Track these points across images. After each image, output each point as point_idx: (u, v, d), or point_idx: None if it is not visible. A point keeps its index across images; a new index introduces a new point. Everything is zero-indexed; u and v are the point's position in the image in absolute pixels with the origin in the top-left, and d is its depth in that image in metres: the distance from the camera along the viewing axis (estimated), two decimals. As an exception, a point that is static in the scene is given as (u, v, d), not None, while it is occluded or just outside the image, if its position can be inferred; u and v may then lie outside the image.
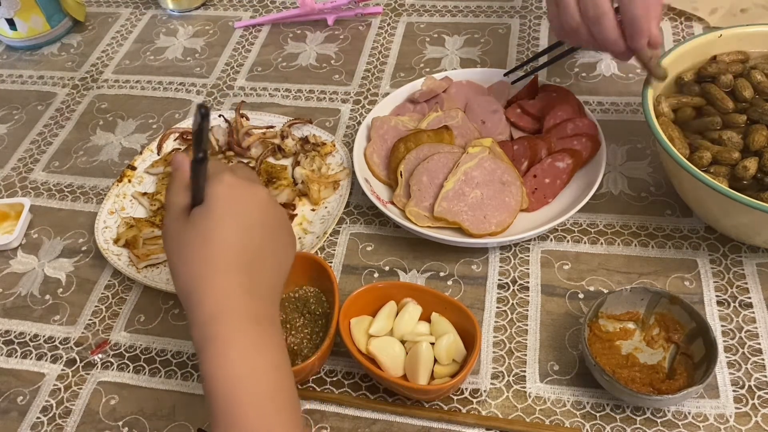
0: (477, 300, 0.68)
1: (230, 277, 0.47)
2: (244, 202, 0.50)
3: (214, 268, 0.47)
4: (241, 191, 0.50)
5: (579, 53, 0.94)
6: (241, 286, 0.47)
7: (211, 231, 0.48)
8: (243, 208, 0.50)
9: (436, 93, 0.84)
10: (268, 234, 0.51)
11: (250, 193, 0.51)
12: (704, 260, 0.69)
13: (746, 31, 0.74)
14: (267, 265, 0.50)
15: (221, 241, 0.48)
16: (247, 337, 0.46)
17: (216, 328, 0.46)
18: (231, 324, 0.46)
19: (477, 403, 0.61)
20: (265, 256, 0.50)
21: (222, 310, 0.46)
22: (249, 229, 0.49)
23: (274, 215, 0.53)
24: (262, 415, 0.45)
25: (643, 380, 0.58)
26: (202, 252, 0.48)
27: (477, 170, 0.72)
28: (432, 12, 1.05)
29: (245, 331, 0.46)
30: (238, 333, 0.46)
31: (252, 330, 0.47)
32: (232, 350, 0.45)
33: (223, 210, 0.49)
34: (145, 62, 1.03)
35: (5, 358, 0.69)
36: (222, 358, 0.45)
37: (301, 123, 0.86)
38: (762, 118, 0.66)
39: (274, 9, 1.10)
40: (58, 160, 0.90)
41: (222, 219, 0.48)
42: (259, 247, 0.50)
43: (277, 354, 0.48)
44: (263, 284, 0.50)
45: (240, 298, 0.47)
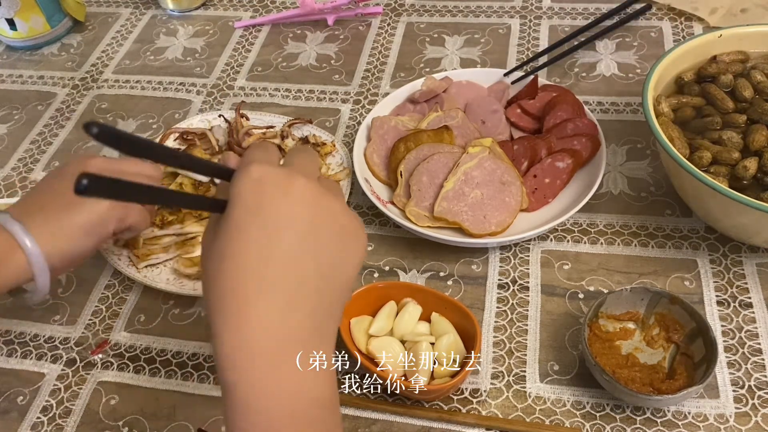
0: (477, 300, 0.68)
1: (252, 304, 0.37)
2: (271, 201, 0.38)
3: (228, 291, 0.37)
4: (270, 186, 0.38)
5: (579, 53, 0.94)
6: (270, 316, 0.37)
7: (227, 244, 0.38)
8: (270, 209, 0.38)
9: (436, 93, 0.84)
10: (313, 237, 0.39)
11: (282, 187, 0.39)
12: (704, 260, 0.69)
13: (746, 31, 0.74)
14: (314, 282, 0.39)
15: (237, 256, 0.37)
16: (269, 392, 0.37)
17: (228, 376, 0.37)
18: (246, 371, 0.36)
19: (477, 403, 0.61)
20: (305, 269, 0.39)
21: (236, 355, 0.36)
22: (274, 231, 0.38)
23: (320, 211, 0.40)
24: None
25: (643, 380, 0.58)
26: (218, 272, 0.38)
27: (477, 170, 0.72)
28: (432, 12, 1.05)
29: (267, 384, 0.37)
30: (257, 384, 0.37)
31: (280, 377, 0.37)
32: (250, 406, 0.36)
33: (243, 215, 0.38)
34: (145, 62, 1.03)
35: (5, 358, 0.69)
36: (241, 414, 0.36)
37: (301, 123, 0.86)
38: (762, 118, 0.66)
39: (274, 9, 1.10)
40: (58, 160, 0.90)
41: (238, 225, 0.38)
42: (293, 259, 0.38)
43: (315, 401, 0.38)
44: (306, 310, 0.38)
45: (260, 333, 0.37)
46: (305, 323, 0.38)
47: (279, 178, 0.39)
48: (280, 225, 0.38)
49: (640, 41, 0.94)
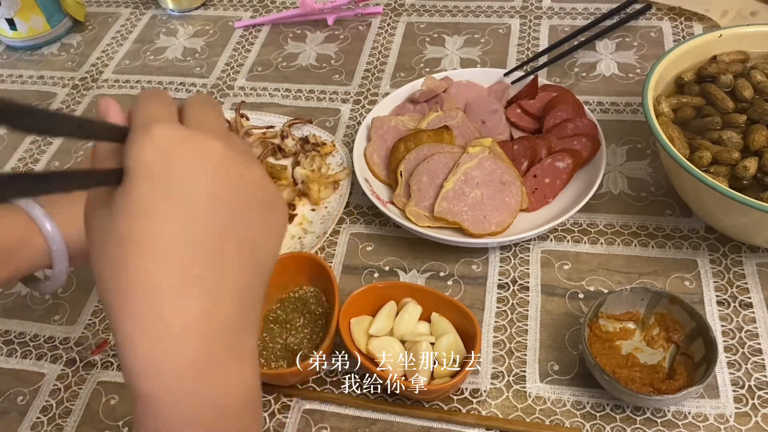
0: (477, 300, 0.68)
1: (164, 298, 0.31)
2: (184, 172, 0.31)
3: (141, 287, 0.30)
4: (181, 155, 0.31)
5: (579, 53, 0.94)
6: (185, 311, 0.31)
7: (130, 225, 0.31)
8: (183, 182, 0.31)
9: (436, 93, 0.84)
10: (233, 214, 0.33)
11: (195, 155, 0.32)
12: (704, 260, 0.69)
13: (746, 31, 0.74)
14: (236, 266, 0.33)
15: (148, 241, 0.30)
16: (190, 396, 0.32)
17: (140, 384, 0.31)
18: (163, 380, 0.31)
19: (477, 403, 0.61)
20: (229, 252, 0.32)
21: (148, 360, 0.31)
22: (196, 214, 0.31)
23: (239, 181, 0.33)
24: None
25: (643, 380, 0.58)
26: (120, 259, 0.31)
27: (477, 170, 0.72)
28: (432, 12, 1.05)
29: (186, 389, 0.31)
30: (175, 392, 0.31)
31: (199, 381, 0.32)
32: (165, 416, 0.31)
33: (149, 188, 0.31)
34: (145, 62, 1.03)
35: (5, 358, 0.69)
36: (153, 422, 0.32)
37: (301, 123, 0.86)
38: (762, 118, 0.66)
39: (274, 9, 1.10)
40: (58, 160, 0.90)
41: (146, 203, 0.31)
42: (218, 239, 0.32)
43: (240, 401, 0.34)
44: (228, 297, 0.33)
45: (188, 329, 0.31)
46: (231, 317, 0.33)
47: (190, 144, 0.32)
48: (196, 202, 0.31)
49: (640, 41, 0.94)
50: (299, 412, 0.62)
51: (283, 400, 0.63)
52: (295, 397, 0.63)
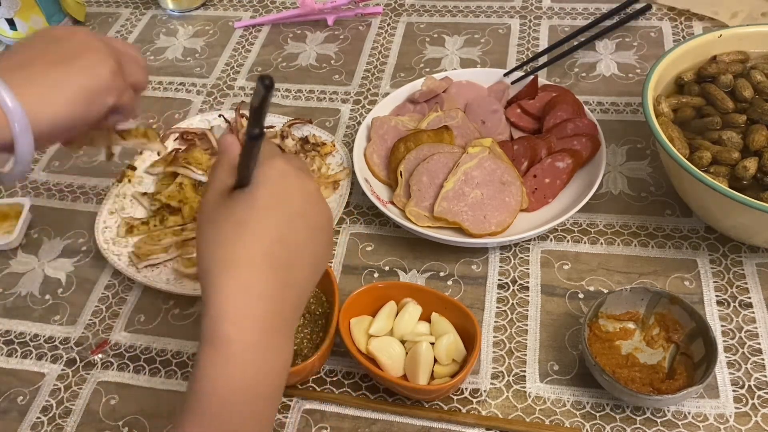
0: (477, 300, 0.68)
1: (258, 272, 0.42)
2: (291, 193, 0.44)
3: (244, 255, 0.42)
4: (291, 181, 0.45)
5: (579, 53, 0.94)
6: (268, 285, 0.42)
7: (249, 215, 0.42)
8: (290, 200, 0.44)
9: (436, 93, 0.84)
10: (311, 232, 0.45)
11: (299, 184, 0.45)
12: (704, 260, 0.69)
13: (746, 31, 0.74)
14: (304, 266, 0.45)
15: (259, 229, 0.42)
16: (256, 350, 0.42)
17: (226, 327, 0.41)
18: (243, 329, 0.41)
19: (477, 403, 0.61)
20: (303, 256, 0.45)
21: (237, 309, 0.41)
22: (292, 223, 0.44)
23: (320, 212, 0.47)
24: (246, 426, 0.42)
25: (643, 380, 0.58)
26: (235, 236, 0.42)
27: (477, 170, 0.72)
28: (432, 12, 1.05)
29: (256, 343, 0.42)
30: (247, 342, 0.41)
31: (264, 341, 0.42)
32: (235, 360, 0.41)
33: (269, 197, 0.43)
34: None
35: (5, 358, 0.69)
36: (222, 364, 0.41)
37: (301, 123, 0.86)
38: (762, 118, 0.66)
39: (274, 9, 1.10)
40: (58, 160, 0.90)
41: (265, 206, 0.43)
42: (300, 245, 0.44)
43: (282, 373, 0.44)
44: (295, 288, 0.44)
45: (262, 300, 0.42)
46: (291, 303, 0.44)
47: (296, 177, 0.45)
48: (295, 216, 0.44)
49: (640, 41, 0.94)
50: (299, 412, 0.62)
51: (283, 400, 0.63)
52: (295, 397, 0.63)
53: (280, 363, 0.44)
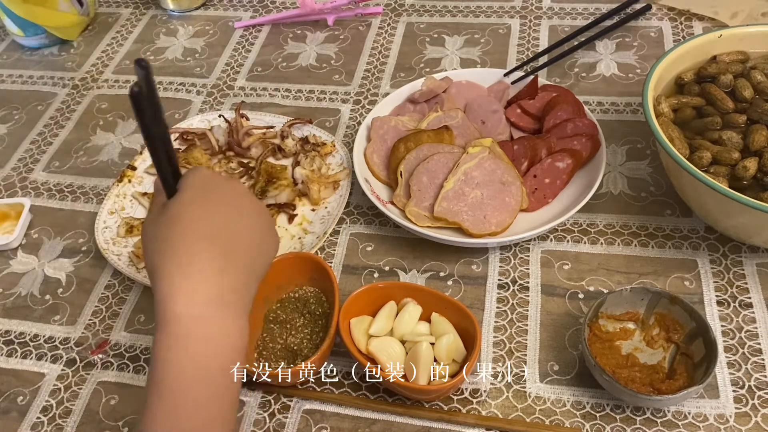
0: (477, 300, 0.68)
1: (194, 252, 0.45)
2: (218, 188, 0.49)
3: (180, 241, 0.45)
4: (217, 181, 0.50)
5: (579, 53, 0.94)
6: (207, 263, 0.45)
7: (180, 210, 0.47)
8: (216, 192, 0.49)
9: (436, 93, 0.84)
10: (245, 217, 0.50)
11: (225, 183, 0.50)
12: (704, 260, 0.69)
13: (746, 31, 0.74)
14: (245, 247, 0.48)
15: (190, 218, 0.46)
16: (204, 323, 0.44)
17: (171, 306, 0.43)
18: (186, 304, 0.44)
19: (477, 403, 0.61)
20: (241, 237, 0.48)
21: (179, 287, 0.44)
22: (221, 209, 0.48)
23: (251, 202, 0.51)
24: (207, 403, 0.43)
25: (643, 380, 0.58)
26: (170, 229, 0.46)
27: (477, 170, 0.72)
28: (432, 12, 1.05)
29: (201, 315, 0.44)
30: (193, 316, 0.43)
31: (210, 314, 0.44)
32: (192, 335, 0.43)
33: (194, 193, 0.48)
34: (145, 62, 1.03)
35: (5, 358, 0.69)
36: (179, 341, 0.43)
37: (301, 123, 0.86)
38: (762, 118, 0.66)
39: (274, 9, 1.10)
40: (58, 160, 0.90)
41: (192, 199, 0.48)
42: (234, 227, 0.48)
43: (237, 344, 0.45)
44: (238, 267, 0.47)
45: (201, 276, 0.45)
46: (237, 279, 0.47)
47: (222, 179, 0.51)
48: (221, 206, 0.48)
49: (640, 41, 0.94)
50: (299, 412, 0.62)
51: (283, 400, 0.63)
52: (295, 397, 0.63)
53: (232, 336, 0.45)
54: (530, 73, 0.85)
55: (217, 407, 0.44)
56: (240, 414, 0.62)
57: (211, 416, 0.44)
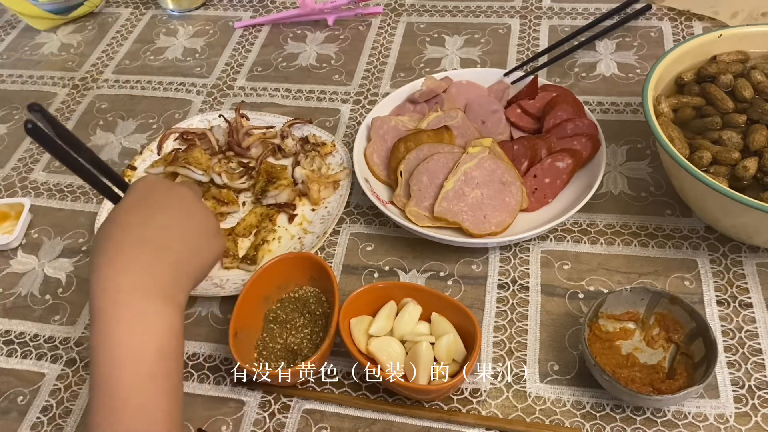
0: (477, 300, 0.68)
1: (123, 250, 0.49)
2: (157, 193, 0.54)
3: (112, 242, 0.49)
4: (158, 186, 0.54)
5: (579, 53, 0.94)
6: (137, 261, 0.49)
7: (116, 214, 0.52)
8: (155, 197, 0.53)
9: (436, 93, 0.84)
10: (180, 219, 0.54)
11: (167, 188, 0.55)
12: (704, 260, 0.69)
13: (746, 31, 0.74)
14: (176, 246, 0.52)
15: (125, 221, 0.51)
16: (131, 313, 0.47)
17: (103, 301, 0.47)
18: (118, 298, 0.47)
19: (477, 403, 0.61)
20: (172, 237, 0.52)
21: (106, 282, 0.47)
22: (155, 211, 0.52)
23: (191, 206, 0.55)
24: (141, 396, 0.45)
25: (643, 380, 0.58)
26: (106, 232, 0.50)
27: (477, 170, 0.72)
28: (432, 12, 1.05)
29: (128, 305, 0.47)
30: (124, 308, 0.47)
31: (137, 305, 0.47)
32: (115, 325, 0.46)
33: (133, 198, 0.53)
34: (145, 62, 1.03)
35: (5, 358, 0.69)
36: (104, 331, 0.46)
37: (301, 123, 0.86)
38: (762, 118, 0.66)
39: (274, 9, 1.10)
40: (57, 160, 0.89)
41: (129, 205, 0.53)
42: (166, 228, 0.52)
43: (164, 336, 0.48)
44: (168, 263, 0.50)
45: (133, 273, 0.48)
46: (166, 275, 0.50)
47: (165, 184, 0.55)
48: (157, 209, 0.52)
49: (640, 41, 0.94)
50: (299, 412, 0.62)
51: (283, 400, 0.63)
52: (295, 397, 0.63)
53: (162, 326, 0.48)
54: (530, 73, 0.85)
55: (149, 392, 0.46)
56: (240, 414, 0.62)
57: (145, 400, 0.46)
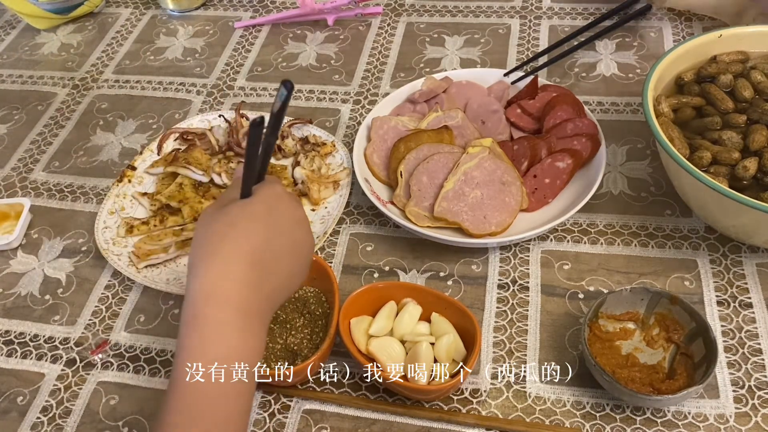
0: (477, 300, 0.68)
1: (238, 265, 0.47)
2: (281, 210, 0.51)
3: (227, 251, 0.48)
4: (285, 201, 0.52)
5: (579, 53, 0.94)
6: (246, 278, 0.47)
7: (240, 219, 0.49)
8: (278, 214, 0.51)
9: (436, 93, 0.84)
10: (292, 247, 0.52)
11: (290, 206, 0.53)
12: (704, 260, 0.69)
13: (746, 31, 0.74)
14: (279, 272, 0.51)
15: (244, 231, 0.48)
16: (230, 328, 0.46)
17: (206, 309, 0.46)
18: (222, 309, 0.46)
19: (477, 403, 0.61)
20: (280, 263, 0.51)
21: (218, 293, 0.46)
22: (275, 233, 0.50)
23: (303, 234, 0.54)
24: (223, 406, 0.45)
25: (643, 380, 0.58)
26: (223, 233, 0.48)
27: (477, 170, 0.72)
28: (432, 12, 1.05)
29: (232, 323, 0.46)
30: (225, 322, 0.46)
31: (239, 323, 0.47)
32: (215, 336, 0.46)
33: (260, 207, 0.50)
34: (145, 62, 1.03)
35: (5, 358, 0.69)
36: (202, 339, 0.45)
37: (301, 123, 0.86)
38: (762, 118, 0.66)
39: (274, 9, 1.10)
40: (58, 160, 0.90)
41: (254, 214, 0.50)
42: (278, 253, 0.50)
43: (254, 355, 0.48)
44: (269, 287, 0.50)
45: (239, 289, 0.47)
46: (264, 297, 0.49)
47: (290, 199, 0.53)
48: (278, 232, 0.50)
49: (640, 41, 0.94)
50: (299, 412, 0.62)
51: (283, 400, 0.63)
52: (295, 397, 0.63)
53: (253, 346, 0.48)
54: (530, 73, 0.85)
55: (234, 407, 0.46)
56: (240, 414, 0.62)
57: (226, 417, 0.46)
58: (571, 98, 0.79)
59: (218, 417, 0.45)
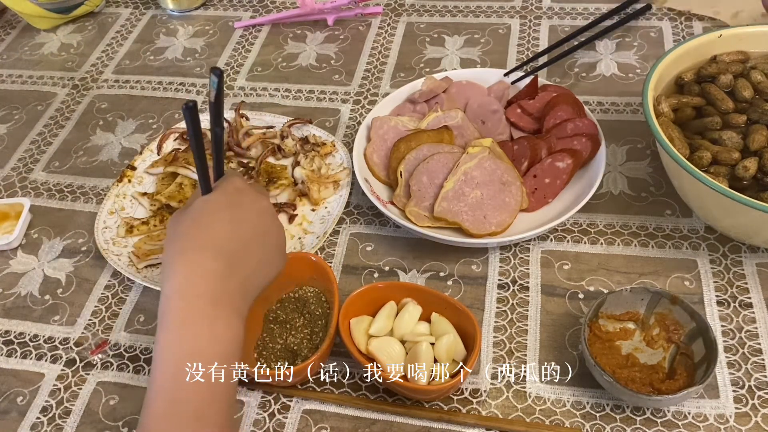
0: (477, 300, 0.68)
1: (204, 258, 0.48)
2: (244, 201, 0.52)
3: (192, 247, 0.49)
4: (246, 192, 0.53)
5: (579, 53, 0.94)
6: (213, 269, 0.48)
7: (201, 215, 0.50)
8: (240, 205, 0.52)
9: (436, 93, 0.84)
10: (259, 235, 0.52)
11: (253, 197, 0.53)
12: (704, 260, 0.69)
13: (746, 31, 0.74)
14: (249, 261, 0.51)
15: (207, 225, 0.50)
16: (202, 319, 0.47)
17: (177, 303, 0.47)
18: (189, 302, 0.47)
19: (477, 403, 0.61)
20: (249, 252, 0.51)
21: (185, 288, 0.47)
22: (239, 223, 0.51)
23: (270, 223, 0.54)
24: (200, 400, 0.45)
25: (643, 380, 0.58)
26: (189, 230, 0.49)
27: (477, 170, 0.72)
28: (432, 12, 1.05)
29: (201, 312, 0.47)
30: (196, 314, 0.47)
31: (210, 312, 0.47)
32: (186, 329, 0.46)
33: (221, 199, 0.51)
34: (145, 62, 1.03)
35: (5, 358, 0.69)
36: (174, 333, 0.46)
37: (301, 123, 0.86)
38: (762, 118, 0.66)
39: (274, 9, 1.10)
40: (58, 160, 0.90)
41: (216, 207, 0.51)
42: (245, 242, 0.51)
43: (229, 345, 0.48)
44: (240, 277, 0.50)
45: (206, 280, 0.48)
46: (236, 287, 0.49)
47: (253, 191, 0.53)
48: (242, 221, 0.51)
49: (640, 41, 0.94)
50: (299, 412, 0.62)
51: (283, 400, 0.63)
52: (295, 397, 0.63)
53: (228, 334, 0.48)
54: (530, 73, 0.85)
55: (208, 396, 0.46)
56: (240, 414, 0.62)
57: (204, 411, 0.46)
58: (571, 98, 0.79)
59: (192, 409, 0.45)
